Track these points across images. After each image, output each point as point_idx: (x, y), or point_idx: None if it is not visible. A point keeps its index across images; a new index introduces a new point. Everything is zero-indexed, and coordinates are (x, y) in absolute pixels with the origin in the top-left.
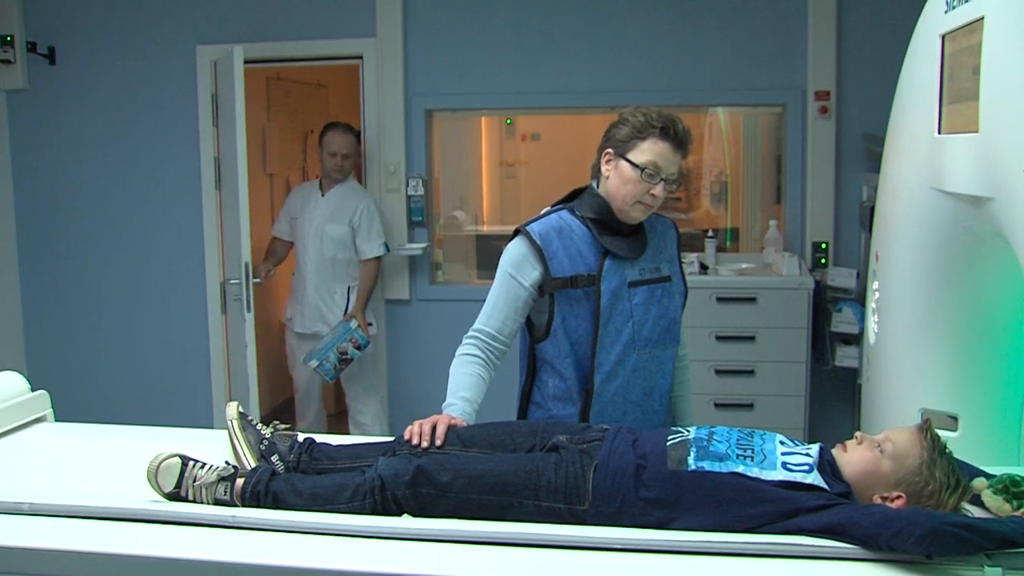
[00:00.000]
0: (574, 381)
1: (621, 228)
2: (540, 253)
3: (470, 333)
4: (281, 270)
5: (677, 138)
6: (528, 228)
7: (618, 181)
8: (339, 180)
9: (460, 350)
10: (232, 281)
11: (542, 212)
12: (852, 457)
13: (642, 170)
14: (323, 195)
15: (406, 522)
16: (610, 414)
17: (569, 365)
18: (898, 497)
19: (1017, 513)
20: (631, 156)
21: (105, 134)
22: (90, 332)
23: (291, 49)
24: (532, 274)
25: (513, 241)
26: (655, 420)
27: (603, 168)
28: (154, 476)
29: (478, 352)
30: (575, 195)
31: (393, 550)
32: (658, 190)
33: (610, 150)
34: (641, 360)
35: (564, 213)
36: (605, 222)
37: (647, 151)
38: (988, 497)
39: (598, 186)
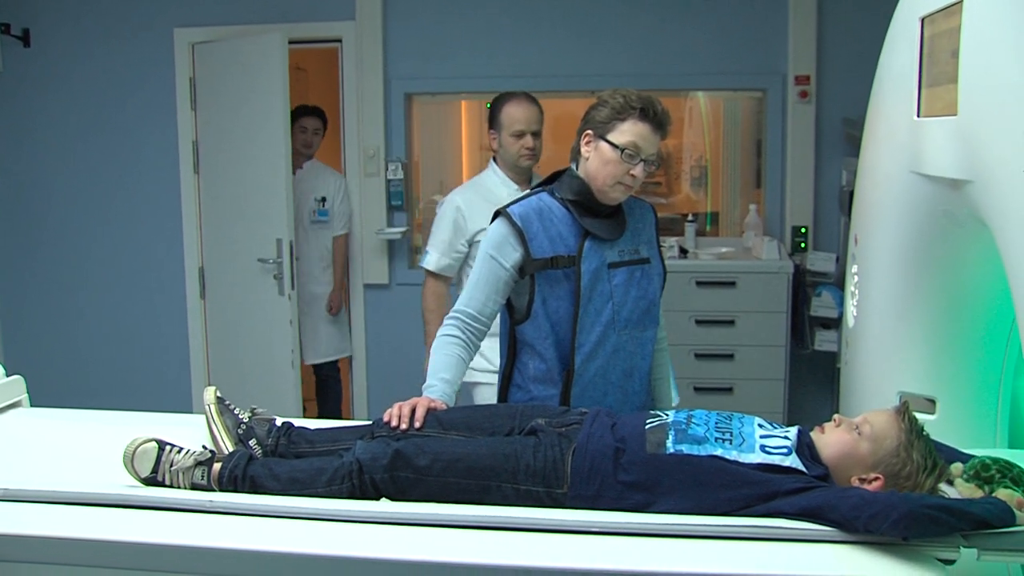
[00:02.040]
0: (555, 362)
1: (600, 210)
2: (521, 235)
3: (451, 314)
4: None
5: (657, 119)
6: (509, 210)
7: (598, 162)
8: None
9: (441, 331)
10: (271, 261)
11: (522, 194)
12: (830, 439)
13: (622, 151)
14: (509, 193)
15: (384, 506)
16: (591, 395)
17: (550, 346)
18: (876, 478)
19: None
20: (611, 137)
21: (81, 118)
22: (67, 317)
23: (269, 32)
24: (513, 255)
25: (494, 223)
26: (635, 401)
27: (583, 150)
28: (130, 461)
29: (459, 333)
30: (555, 177)
31: (371, 534)
32: (638, 171)
33: (590, 132)
34: (621, 341)
35: (544, 195)
36: (585, 203)
37: (627, 132)
38: (961, 486)
39: (577, 168)
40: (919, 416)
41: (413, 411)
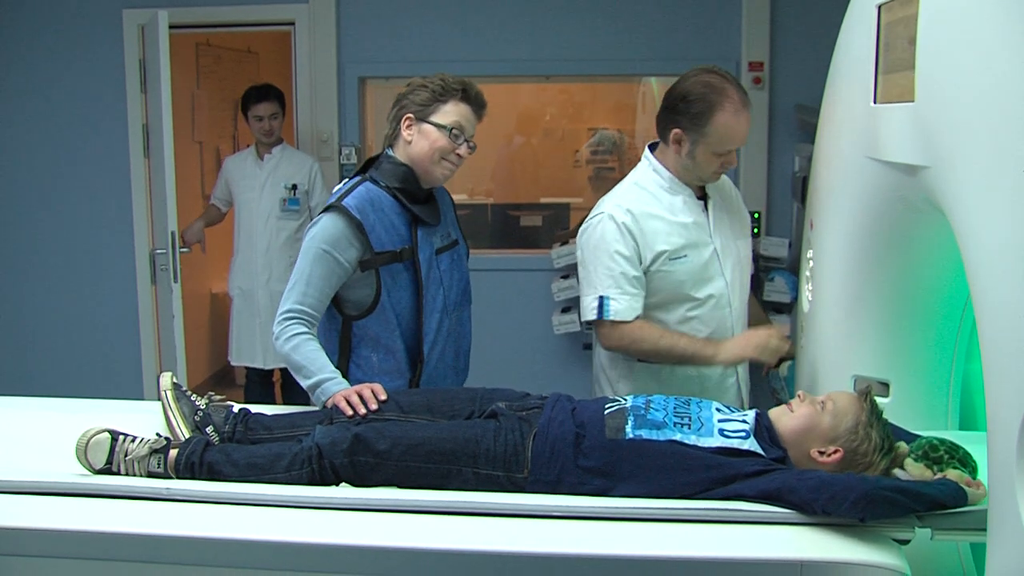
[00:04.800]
0: (402, 352)
1: (420, 195)
2: (360, 229)
3: (290, 312)
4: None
5: (476, 100)
6: (344, 203)
7: (424, 143)
8: None
9: (287, 331)
10: (159, 251)
11: (345, 185)
12: (796, 413)
13: (449, 130)
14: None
15: (343, 492)
16: (435, 380)
17: (397, 337)
18: (835, 451)
19: (940, 476)
20: (435, 119)
21: (28, 101)
22: (16, 304)
23: (220, 14)
24: (350, 251)
25: (326, 216)
26: (462, 379)
27: (404, 134)
28: (83, 453)
29: (307, 330)
30: (367, 165)
31: (330, 521)
32: (463, 150)
33: (411, 116)
34: (451, 324)
35: (369, 184)
36: (409, 190)
37: (451, 112)
38: (911, 465)
39: (393, 152)
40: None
41: (365, 397)
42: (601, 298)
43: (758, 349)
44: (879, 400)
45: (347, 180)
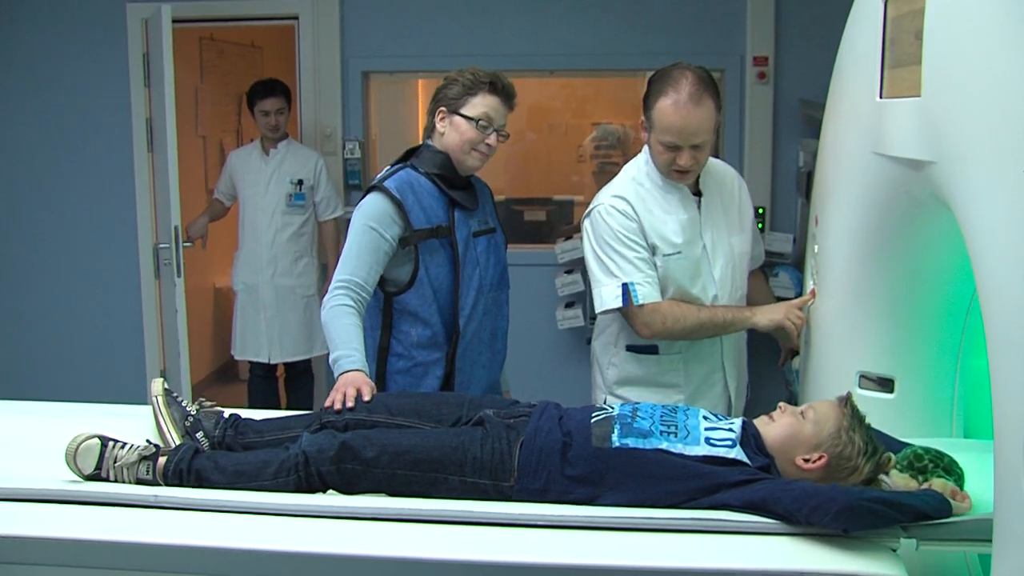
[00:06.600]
0: (439, 327)
1: (458, 182)
2: (400, 207)
3: (338, 283)
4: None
5: (505, 91)
6: (385, 184)
7: (455, 135)
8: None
9: (332, 301)
10: (163, 246)
11: (386, 171)
12: (776, 424)
13: (476, 122)
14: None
15: (330, 500)
16: (470, 356)
17: (434, 312)
18: (820, 457)
19: (925, 486)
20: (464, 111)
21: (32, 95)
22: (19, 298)
23: (224, 8)
24: (393, 228)
25: (369, 196)
26: (499, 359)
27: (438, 126)
28: (73, 458)
29: (351, 302)
30: (409, 154)
31: (317, 529)
32: (492, 139)
33: (443, 109)
34: (487, 304)
35: (409, 170)
36: (447, 176)
37: (479, 105)
38: (895, 475)
39: (432, 142)
40: (878, 395)
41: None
42: (625, 286)
43: (788, 315)
44: (883, 397)
45: (388, 167)
